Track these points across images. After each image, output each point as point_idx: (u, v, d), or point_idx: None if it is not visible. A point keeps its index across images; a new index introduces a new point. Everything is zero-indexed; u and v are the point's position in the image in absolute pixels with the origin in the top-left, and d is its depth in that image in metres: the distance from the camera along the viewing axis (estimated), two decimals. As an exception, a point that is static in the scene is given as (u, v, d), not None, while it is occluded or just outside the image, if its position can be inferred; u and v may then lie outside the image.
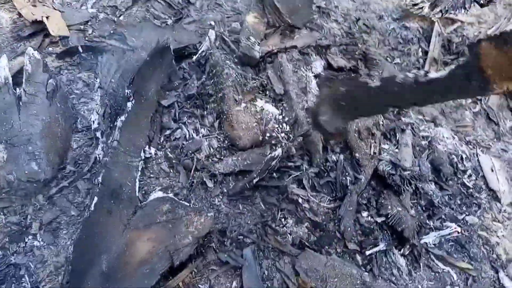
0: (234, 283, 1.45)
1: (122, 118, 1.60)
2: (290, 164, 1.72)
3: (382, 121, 1.86)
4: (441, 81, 1.06)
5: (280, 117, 1.80)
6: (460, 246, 1.65)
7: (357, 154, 1.71)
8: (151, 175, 1.64)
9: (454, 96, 1.22)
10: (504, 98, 2.23)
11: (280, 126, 1.78)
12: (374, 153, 1.74)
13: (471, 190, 1.79)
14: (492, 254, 1.65)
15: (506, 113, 2.19)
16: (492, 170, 1.87)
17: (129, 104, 1.64)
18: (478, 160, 1.94)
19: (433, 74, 1.09)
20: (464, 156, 1.92)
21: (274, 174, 1.69)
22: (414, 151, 1.88)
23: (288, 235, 1.57)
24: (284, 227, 1.58)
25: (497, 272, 1.61)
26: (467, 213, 1.73)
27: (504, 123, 2.14)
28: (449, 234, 1.66)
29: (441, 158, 1.87)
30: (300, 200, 1.65)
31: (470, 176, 1.84)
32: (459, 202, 1.76)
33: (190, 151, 1.69)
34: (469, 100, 2.11)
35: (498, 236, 1.69)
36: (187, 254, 1.36)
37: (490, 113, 2.14)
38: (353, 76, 1.57)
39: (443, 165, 1.84)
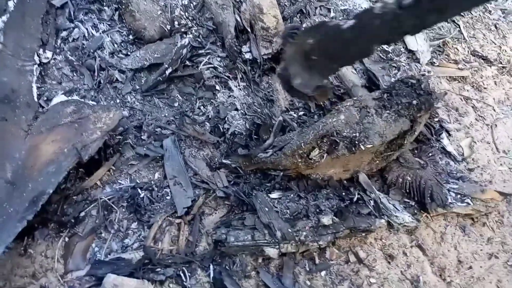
0: (157, 174, 1.41)
1: (4, 18, 1.41)
2: (202, 51, 1.62)
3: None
4: None
5: (186, 1, 1.66)
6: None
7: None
8: (53, 81, 1.51)
9: (457, 9, 0.97)
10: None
11: (188, 12, 1.65)
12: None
13: (390, 54, 1.78)
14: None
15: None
16: (412, 34, 1.84)
17: (10, 4, 1.45)
18: (398, 27, 1.90)
19: None
20: (384, 24, 1.88)
21: (188, 63, 1.59)
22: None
23: (207, 123, 1.51)
24: (203, 116, 1.53)
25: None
26: (390, 76, 1.73)
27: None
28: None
29: (361, 28, 1.82)
30: (217, 87, 1.58)
31: (389, 41, 1.82)
32: (380, 67, 1.75)
33: (92, 50, 1.55)
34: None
35: (418, 95, 1.72)
36: (95, 149, 1.29)
37: (410, -21, 2.08)
38: (319, 23, 1.20)
39: (363, 34, 1.80)
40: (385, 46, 1.80)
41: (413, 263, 1.33)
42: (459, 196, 1.40)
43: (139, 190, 1.36)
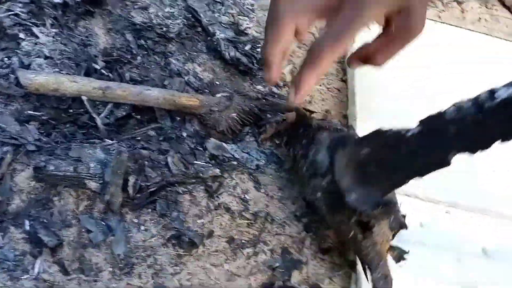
0: (-48, 136, 1.27)
1: None
2: (-2, -4, 1.46)
3: None
4: None
5: None
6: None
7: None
8: None
9: None
10: None
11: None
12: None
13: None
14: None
15: None
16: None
17: None
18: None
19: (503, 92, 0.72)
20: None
21: (-19, 12, 1.43)
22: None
23: (12, 75, 1.38)
24: (7, 68, 1.39)
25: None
26: (214, 12, 1.72)
27: None
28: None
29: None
30: (21, 35, 1.45)
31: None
32: (204, 4, 1.74)
33: None
34: None
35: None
36: None
37: None
38: (373, 132, 1.01)
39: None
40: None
41: (239, 183, 1.39)
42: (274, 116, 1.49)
43: None
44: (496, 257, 1.35)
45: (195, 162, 1.37)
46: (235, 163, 1.41)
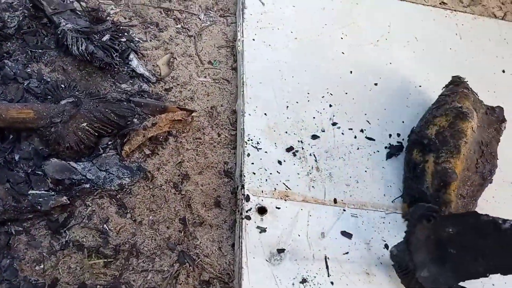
0: None
1: None
2: None
3: None
4: None
5: None
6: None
7: None
8: None
9: None
10: None
11: None
12: None
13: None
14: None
15: None
16: None
17: None
18: None
19: None
20: None
21: None
22: None
23: None
24: None
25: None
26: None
27: None
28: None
29: None
30: None
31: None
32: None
33: None
34: None
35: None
36: None
37: None
38: (468, 212, 1.01)
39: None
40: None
41: (96, 211, 1.11)
42: (142, 120, 1.21)
43: None
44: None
45: (32, 192, 1.07)
46: (87, 186, 1.12)
